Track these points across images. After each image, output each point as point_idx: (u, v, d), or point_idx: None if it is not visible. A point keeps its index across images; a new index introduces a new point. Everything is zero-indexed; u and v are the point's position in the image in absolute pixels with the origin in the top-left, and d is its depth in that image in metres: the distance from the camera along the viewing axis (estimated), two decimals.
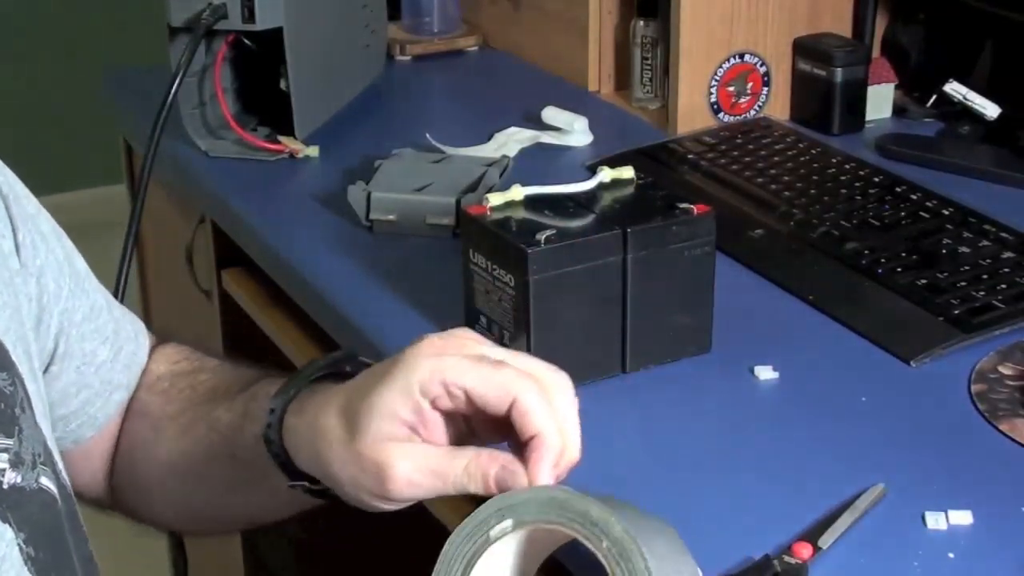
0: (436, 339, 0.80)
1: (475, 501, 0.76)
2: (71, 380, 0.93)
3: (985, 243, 1.26)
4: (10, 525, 0.75)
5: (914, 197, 1.36)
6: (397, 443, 0.77)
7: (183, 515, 1.00)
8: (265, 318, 1.49)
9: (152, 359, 1.01)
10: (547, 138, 1.57)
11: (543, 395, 0.76)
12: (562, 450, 0.76)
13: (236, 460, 0.90)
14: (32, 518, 0.77)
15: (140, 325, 1.01)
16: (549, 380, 0.78)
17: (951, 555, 0.88)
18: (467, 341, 0.80)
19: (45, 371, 0.91)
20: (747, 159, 1.49)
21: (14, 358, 0.81)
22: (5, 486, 0.76)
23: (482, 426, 0.79)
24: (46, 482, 0.79)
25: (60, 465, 0.82)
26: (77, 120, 3.65)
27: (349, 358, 0.89)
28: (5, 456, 0.76)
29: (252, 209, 1.46)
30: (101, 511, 1.02)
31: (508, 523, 0.72)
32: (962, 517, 0.91)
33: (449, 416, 0.79)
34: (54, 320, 0.90)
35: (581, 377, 1.08)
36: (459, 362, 0.77)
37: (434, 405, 0.78)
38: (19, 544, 0.75)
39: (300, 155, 1.55)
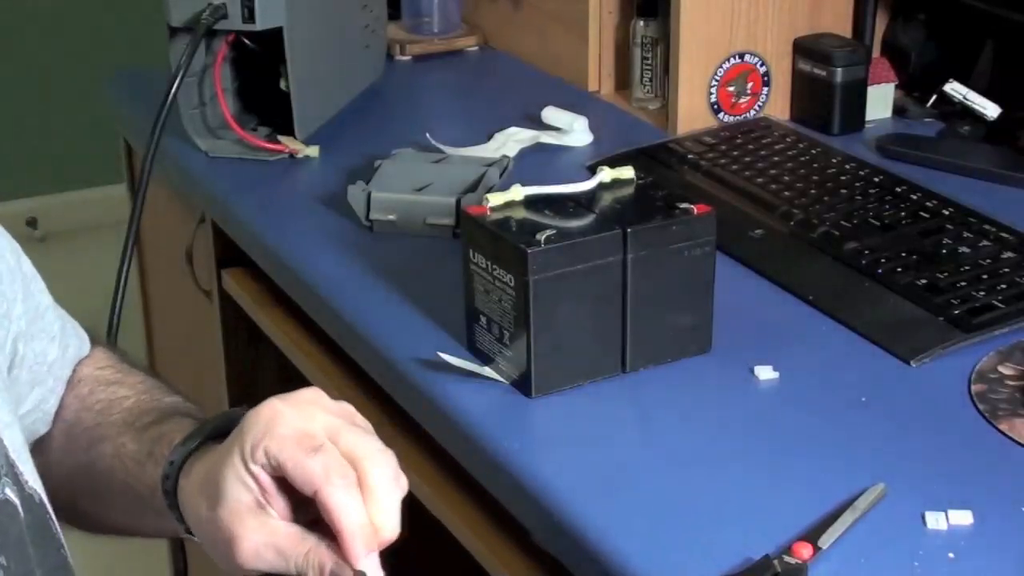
0: (277, 403, 0.81)
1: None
2: (26, 380, 0.95)
3: (985, 243, 1.26)
4: None
5: (914, 197, 1.36)
6: (252, 515, 0.80)
7: (71, 509, 1.01)
8: (265, 318, 1.49)
9: (84, 362, 1.02)
10: (547, 138, 1.57)
11: (348, 487, 0.78)
12: (371, 534, 0.78)
13: (134, 491, 0.92)
14: None
15: (79, 326, 1.03)
16: (368, 464, 0.79)
17: (951, 555, 0.88)
18: (308, 408, 0.81)
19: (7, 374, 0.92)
20: (747, 159, 1.49)
21: None
22: None
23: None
24: (9, 493, 0.79)
25: (25, 475, 0.82)
26: (77, 120, 3.65)
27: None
28: None
29: (252, 209, 1.46)
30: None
31: None
32: (962, 517, 0.91)
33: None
34: (12, 324, 0.91)
35: (581, 377, 1.08)
36: (281, 438, 0.79)
37: (271, 472, 0.80)
38: None
39: (300, 155, 1.55)
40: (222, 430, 0.87)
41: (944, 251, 1.25)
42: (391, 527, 0.79)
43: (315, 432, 0.80)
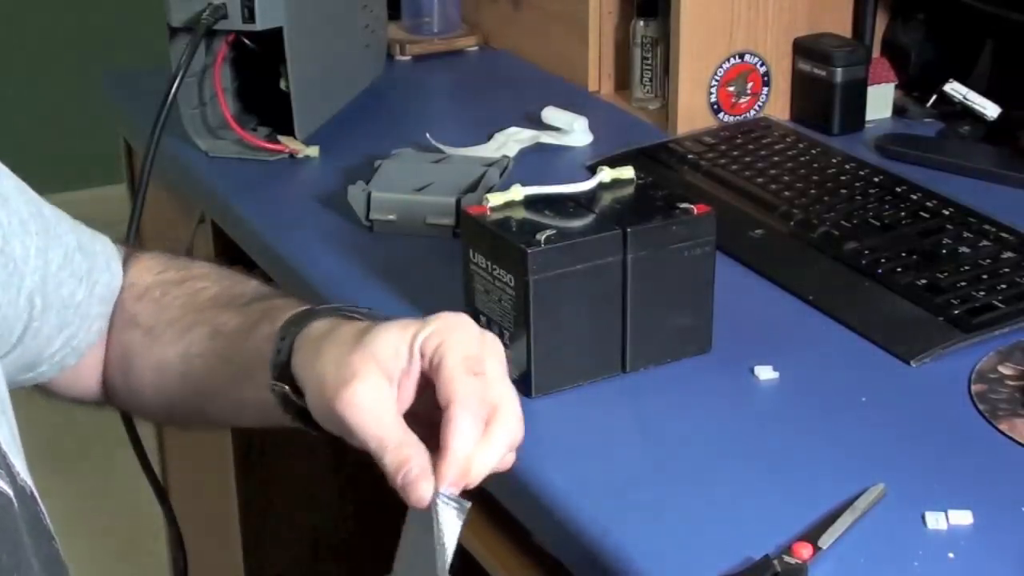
0: (470, 320, 0.83)
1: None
2: (53, 325, 0.96)
3: (985, 243, 1.26)
4: None
5: (914, 197, 1.36)
6: (381, 378, 0.80)
7: (168, 411, 1.03)
8: None
9: (133, 271, 1.04)
10: (547, 138, 1.57)
11: (477, 419, 0.79)
12: (466, 470, 0.78)
13: (236, 364, 0.93)
14: None
15: (110, 248, 1.04)
16: (502, 416, 0.80)
17: (951, 555, 0.88)
18: (490, 343, 0.83)
19: (20, 339, 0.94)
20: (747, 159, 1.49)
21: None
22: None
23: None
24: (2, 484, 0.79)
25: (17, 467, 0.82)
26: (77, 120, 3.65)
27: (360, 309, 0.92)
28: None
29: (252, 209, 1.46)
30: (99, 408, 1.08)
31: None
32: (962, 517, 0.91)
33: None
34: (25, 283, 0.93)
35: (581, 377, 1.08)
36: (456, 344, 0.80)
37: (425, 367, 0.81)
38: None
39: (300, 155, 1.55)
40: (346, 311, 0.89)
41: (944, 251, 1.25)
42: (479, 473, 0.79)
43: (483, 361, 0.81)
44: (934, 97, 1.60)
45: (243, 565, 1.77)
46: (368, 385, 0.79)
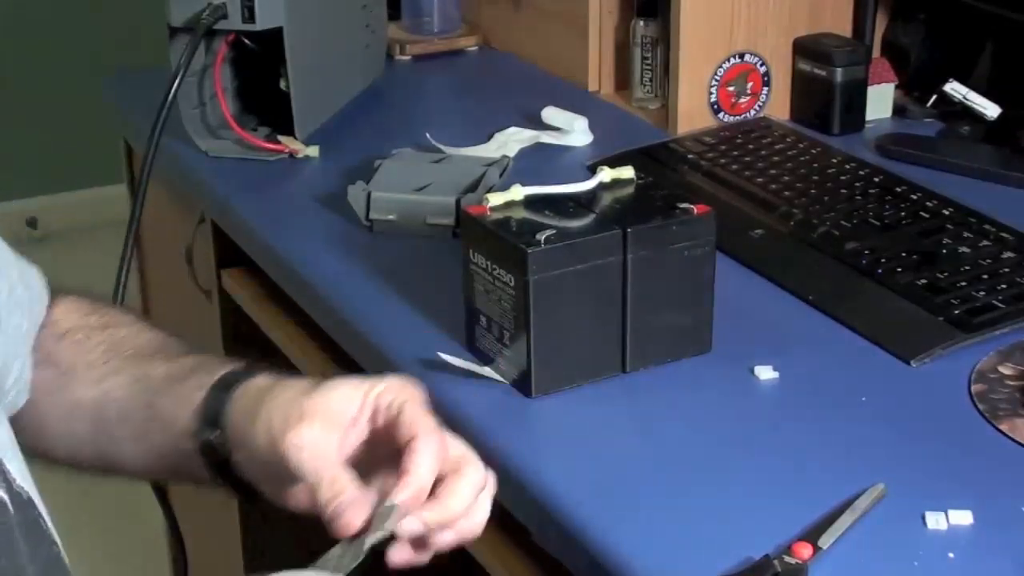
0: (414, 382, 0.87)
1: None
2: (8, 353, 0.95)
3: (985, 243, 1.26)
4: None
5: (914, 197, 1.36)
6: (330, 424, 0.83)
7: (73, 454, 1.01)
8: (265, 318, 1.49)
9: (56, 310, 1.02)
10: (547, 138, 1.57)
11: (439, 454, 0.82)
12: (416, 495, 0.80)
13: (153, 409, 0.93)
14: None
15: (42, 283, 1.02)
16: (467, 460, 0.84)
17: (951, 555, 0.88)
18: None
19: None
20: (747, 159, 1.49)
21: None
22: None
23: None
24: (3, 494, 0.79)
25: (12, 472, 0.82)
26: (77, 120, 3.64)
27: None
28: None
29: (252, 209, 1.46)
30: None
31: None
32: (962, 517, 0.91)
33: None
34: None
35: (581, 377, 1.08)
36: (416, 397, 0.84)
37: (379, 420, 0.84)
38: None
39: (300, 155, 1.55)
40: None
41: (944, 251, 1.25)
42: (453, 513, 0.81)
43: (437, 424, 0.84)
44: (934, 97, 1.60)
45: (243, 565, 1.76)
46: (314, 427, 0.82)
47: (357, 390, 0.84)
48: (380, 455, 0.84)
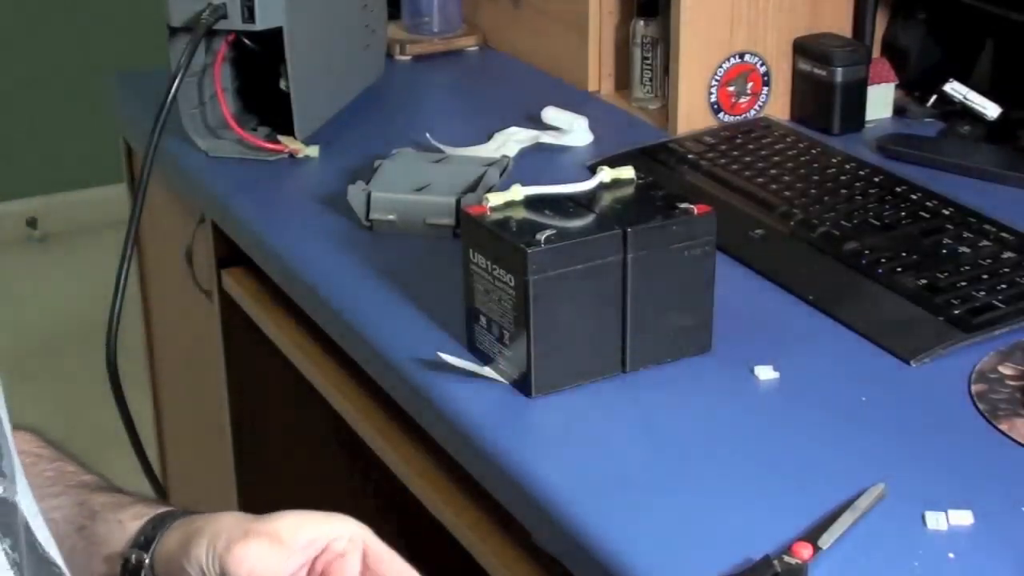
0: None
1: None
2: None
3: (985, 243, 1.26)
4: None
5: (914, 197, 1.36)
6: (275, 541, 0.84)
7: None
8: (265, 318, 1.49)
9: (14, 436, 1.02)
10: (547, 138, 1.57)
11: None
12: None
13: (86, 532, 0.92)
14: (14, 527, 0.78)
15: None
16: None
17: (951, 555, 0.88)
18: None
19: None
20: (747, 159, 1.49)
21: None
22: None
23: None
24: (15, 495, 0.79)
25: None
26: (77, 120, 3.65)
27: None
28: None
29: (252, 209, 1.46)
30: None
31: None
32: (962, 517, 0.91)
33: None
34: None
35: (581, 377, 1.08)
36: (360, 546, 0.86)
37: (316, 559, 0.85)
38: (4, 550, 0.77)
39: (300, 155, 1.55)
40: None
41: (944, 251, 1.25)
42: None
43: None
44: (934, 97, 1.60)
45: None
46: (261, 545, 0.83)
47: (311, 523, 0.85)
48: None
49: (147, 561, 0.88)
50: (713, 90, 1.59)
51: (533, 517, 0.99)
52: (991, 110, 1.54)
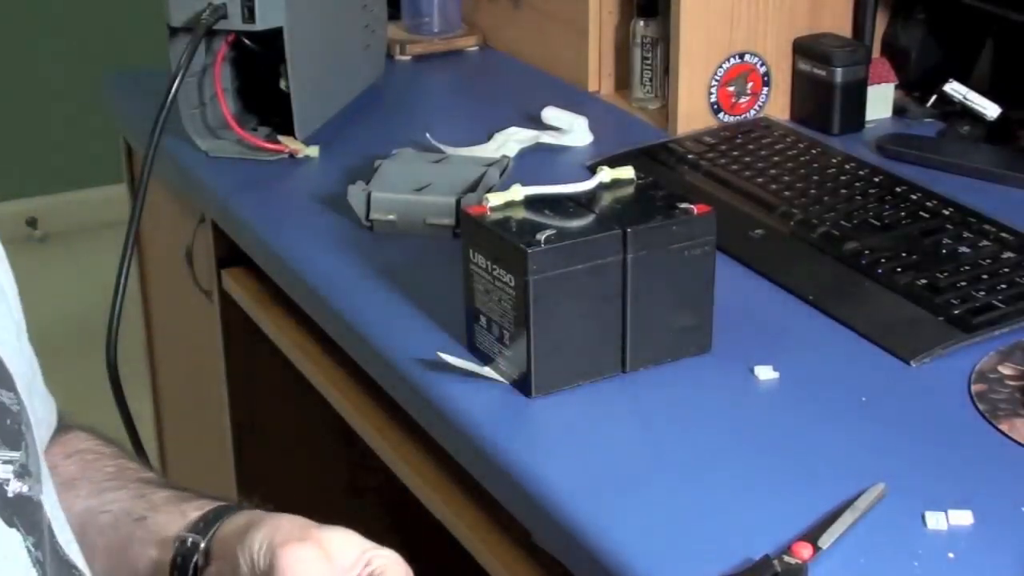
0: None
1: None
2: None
3: (985, 243, 1.26)
4: (18, 529, 0.77)
5: (914, 197, 1.36)
6: (328, 554, 0.84)
7: None
8: (265, 318, 1.49)
9: (69, 434, 1.03)
10: (547, 138, 1.57)
11: None
12: None
13: (143, 522, 0.93)
14: (39, 526, 0.79)
15: (54, 405, 1.03)
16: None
17: (951, 555, 0.88)
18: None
19: None
20: (747, 159, 1.49)
21: (16, 379, 0.82)
22: (10, 494, 0.77)
23: None
24: (40, 495, 0.80)
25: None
26: (77, 120, 3.65)
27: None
28: (10, 468, 0.78)
29: (252, 209, 1.46)
30: None
31: None
32: (962, 517, 0.91)
33: None
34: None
35: (581, 377, 1.08)
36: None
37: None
38: (28, 547, 0.77)
39: (300, 155, 1.55)
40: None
41: (944, 251, 1.25)
42: None
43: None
44: (934, 97, 1.60)
45: None
46: (315, 552, 0.83)
47: (359, 544, 0.85)
48: None
49: (203, 545, 0.88)
50: (713, 90, 1.59)
51: (533, 517, 0.99)
52: (991, 110, 1.54)
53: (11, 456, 0.78)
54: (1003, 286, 1.19)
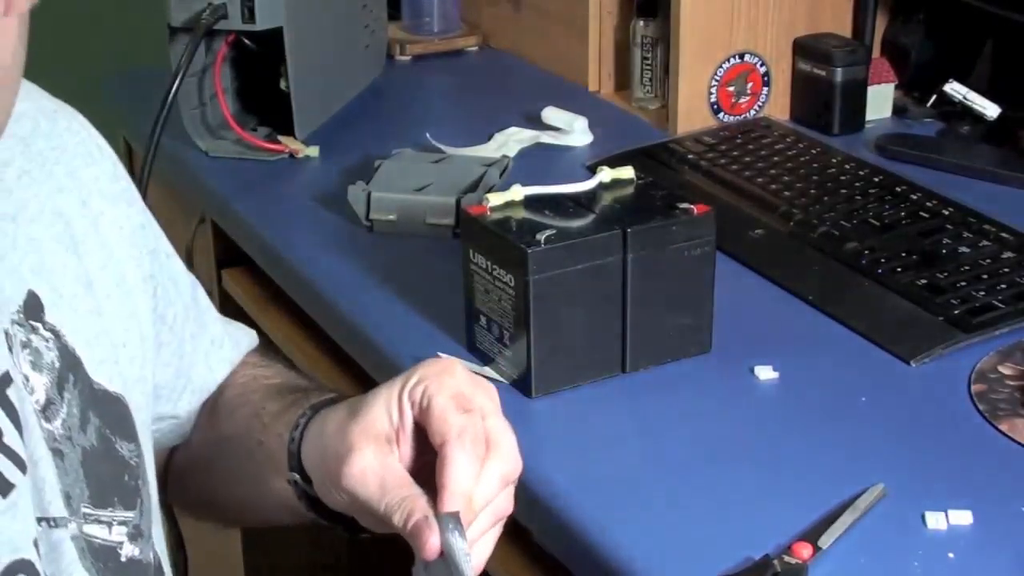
0: (456, 361, 0.84)
1: None
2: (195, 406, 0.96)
3: (985, 243, 1.26)
4: None
5: (914, 197, 1.36)
6: (377, 443, 0.80)
7: (207, 500, 1.01)
8: (265, 318, 1.49)
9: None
10: (547, 138, 1.57)
11: (472, 455, 0.78)
12: (468, 506, 0.78)
13: (264, 449, 0.91)
14: None
15: (251, 339, 1.03)
16: (498, 451, 0.80)
17: (951, 555, 0.88)
18: (478, 381, 0.83)
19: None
20: (747, 159, 1.49)
21: (138, 426, 0.81)
22: (123, 559, 0.77)
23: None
24: (150, 554, 0.80)
25: (154, 539, 0.83)
26: None
27: None
28: (124, 529, 0.77)
29: (252, 209, 1.46)
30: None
31: None
32: (962, 517, 0.91)
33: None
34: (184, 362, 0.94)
35: (581, 377, 1.08)
36: (443, 386, 0.81)
37: (416, 414, 0.81)
38: None
39: (300, 155, 1.55)
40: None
41: (944, 251, 1.25)
42: (482, 503, 0.79)
43: (472, 398, 0.81)
44: (934, 97, 1.60)
45: (243, 565, 1.77)
46: (364, 455, 0.79)
47: (391, 396, 0.81)
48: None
49: (298, 479, 0.86)
50: (713, 90, 1.59)
51: (533, 517, 0.99)
52: (991, 110, 1.54)
53: (126, 517, 0.78)
54: (1003, 286, 1.19)
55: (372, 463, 0.79)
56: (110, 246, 0.84)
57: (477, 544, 0.78)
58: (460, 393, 0.80)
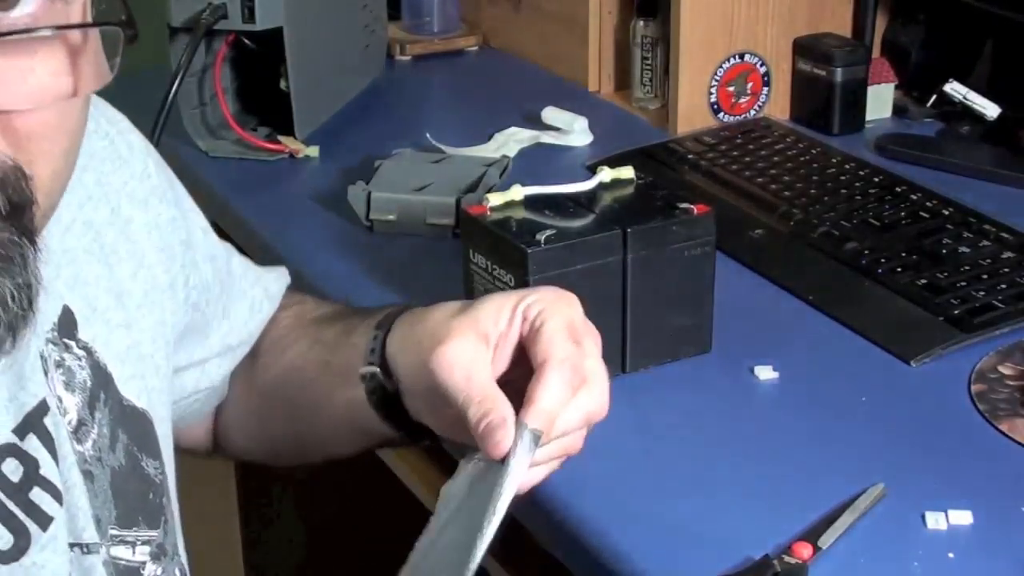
0: (574, 295, 0.82)
1: None
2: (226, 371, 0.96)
3: (985, 243, 1.26)
4: None
5: (914, 197, 1.36)
6: (479, 339, 0.79)
7: (262, 442, 1.01)
8: None
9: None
10: (547, 138, 1.57)
11: (567, 381, 0.78)
12: (549, 426, 0.77)
13: (328, 368, 0.91)
14: None
15: (281, 282, 1.02)
16: (590, 389, 0.81)
17: (951, 555, 0.88)
18: (590, 323, 0.82)
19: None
20: (747, 159, 1.49)
21: (160, 440, 0.81)
22: None
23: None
24: (176, 572, 0.79)
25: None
26: None
27: None
28: (147, 549, 0.76)
29: (252, 209, 1.46)
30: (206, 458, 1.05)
31: None
32: (962, 517, 0.91)
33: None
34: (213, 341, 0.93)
35: None
36: (558, 311, 0.80)
37: (524, 332, 0.80)
38: None
39: (300, 155, 1.55)
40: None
41: (944, 251, 1.25)
42: (561, 432, 0.78)
43: (582, 334, 0.80)
44: (934, 97, 1.60)
45: (243, 565, 1.77)
46: (463, 343, 0.78)
47: (507, 302, 0.80)
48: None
49: (379, 372, 0.85)
50: (713, 90, 1.59)
51: (533, 517, 0.99)
52: (991, 110, 1.54)
53: (150, 536, 0.77)
54: (1003, 286, 1.19)
55: (467, 351, 0.78)
56: (140, 253, 0.83)
57: (533, 469, 0.78)
58: (573, 324, 0.80)
